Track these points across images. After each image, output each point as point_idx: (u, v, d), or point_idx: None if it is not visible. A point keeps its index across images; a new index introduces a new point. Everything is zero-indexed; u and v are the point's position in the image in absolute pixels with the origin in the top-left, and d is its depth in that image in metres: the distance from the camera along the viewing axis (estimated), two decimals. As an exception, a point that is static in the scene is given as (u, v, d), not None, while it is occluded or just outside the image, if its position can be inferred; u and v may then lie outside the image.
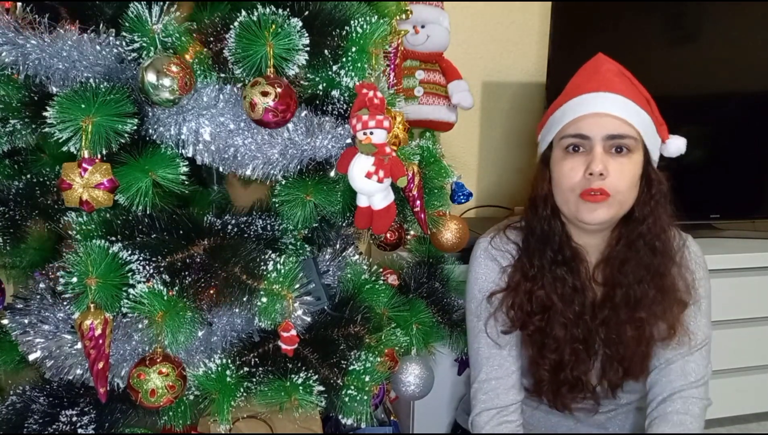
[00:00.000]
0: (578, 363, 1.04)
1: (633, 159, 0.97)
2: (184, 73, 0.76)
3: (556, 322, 1.02)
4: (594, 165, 0.93)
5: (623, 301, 1.02)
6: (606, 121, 0.95)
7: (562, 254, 1.03)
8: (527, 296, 1.03)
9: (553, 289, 1.03)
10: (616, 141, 0.95)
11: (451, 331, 1.22)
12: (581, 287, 1.03)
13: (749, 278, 1.64)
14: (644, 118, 0.98)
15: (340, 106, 0.89)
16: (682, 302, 1.03)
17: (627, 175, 0.96)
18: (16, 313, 0.89)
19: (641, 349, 1.02)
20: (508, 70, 1.94)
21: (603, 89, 0.97)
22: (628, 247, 1.02)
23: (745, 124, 1.79)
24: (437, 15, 1.41)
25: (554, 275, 1.03)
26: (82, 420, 0.89)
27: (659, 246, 1.01)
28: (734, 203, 1.83)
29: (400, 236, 1.19)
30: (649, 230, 1.00)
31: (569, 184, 0.97)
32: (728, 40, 1.72)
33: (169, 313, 0.78)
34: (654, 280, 1.01)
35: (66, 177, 0.74)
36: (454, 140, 1.87)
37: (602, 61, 1.03)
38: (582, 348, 1.04)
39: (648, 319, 1.01)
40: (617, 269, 1.02)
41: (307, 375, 0.90)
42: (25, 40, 0.75)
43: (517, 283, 1.05)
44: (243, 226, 0.94)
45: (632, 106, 0.96)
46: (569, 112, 0.99)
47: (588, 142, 0.96)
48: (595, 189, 0.94)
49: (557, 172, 1.00)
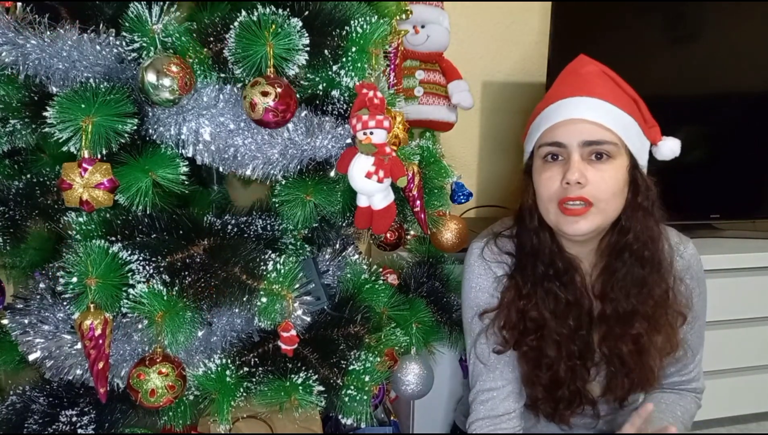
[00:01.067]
0: (575, 378, 1.01)
1: (614, 165, 0.91)
2: (184, 73, 0.76)
3: (550, 340, 0.99)
4: (570, 173, 0.89)
5: (614, 317, 0.98)
6: (582, 127, 0.91)
7: (553, 267, 0.99)
8: (519, 316, 0.99)
9: (545, 305, 0.99)
10: (594, 147, 0.90)
11: (451, 331, 1.22)
12: (575, 301, 0.99)
13: (749, 278, 1.64)
14: (626, 121, 0.93)
15: (340, 106, 0.89)
16: (680, 314, 0.99)
17: (608, 183, 0.90)
18: (16, 313, 0.89)
19: (646, 361, 0.98)
20: (508, 70, 1.94)
21: (580, 93, 0.92)
22: (615, 258, 0.97)
23: (745, 124, 1.79)
24: (437, 15, 1.41)
25: (546, 290, 0.99)
26: (82, 420, 0.90)
27: (648, 256, 0.96)
28: (734, 203, 1.82)
29: (400, 236, 1.19)
30: (636, 239, 0.95)
31: (547, 194, 0.93)
32: (728, 40, 1.72)
33: (169, 313, 0.78)
34: (643, 293, 0.97)
35: (66, 177, 0.74)
36: (454, 140, 1.87)
37: (583, 62, 0.99)
38: (579, 363, 1.00)
39: (642, 333, 0.97)
40: (607, 282, 0.98)
41: (307, 375, 0.90)
42: (25, 40, 0.75)
43: (510, 301, 1.01)
44: (243, 226, 0.94)
45: (612, 109, 0.92)
46: (545, 120, 0.95)
47: (564, 150, 0.92)
48: (573, 198, 0.90)
49: (537, 183, 0.96)
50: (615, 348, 0.99)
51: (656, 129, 0.98)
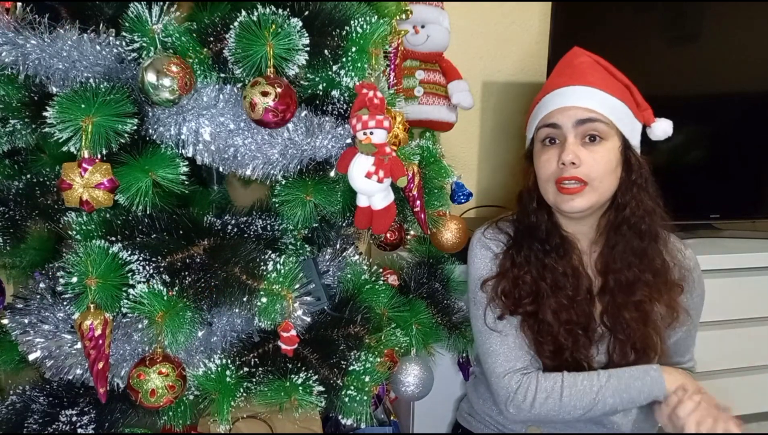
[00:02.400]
0: (578, 346, 1.05)
1: (606, 146, 1.00)
2: (184, 73, 0.76)
3: (547, 308, 1.05)
4: (565, 154, 0.98)
5: (617, 287, 1.05)
6: (575, 112, 1.00)
7: (549, 243, 1.07)
8: (514, 282, 1.07)
9: (541, 276, 1.06)
10: (587, 126, 0.99)
11: (451, 332, 1.22)
12: (573, 272, 1.06)
13: (749, 278, 1.63)
14: (616, 105, 1.01)
15: (340, 106, 0.89)
16: (677, 285, 1.06)
17: (601, 162, 0.99)
18: (16, 313, 0.89)
19: (648, 330, 1.04)
20: (508, 70, 1.94)
21: (573, 83, 1.02)
22: (614, 232, 1.05)
23: (745, 124, 1.79)
24: (437, 15, 1.41)
25: (542, 264, 1.07)
26: (82, 420, 0.89)
27: (645, 229, 1.04)
28: (734, 203, 1.82)
29: (400, 236, 1.19)
30: (633, 213, 1.03)
31: (546, 174, 1.03)
32: (728, 40, 1.72)
33: (169, 313, 0.78)
34: (643, 263, 1.05)
35: (66, 177, 0.74)
36: (454, 140, 1.87)
37: (577, 54, 1.07)
38: (581, 332, 1.05)
39: (644, 300, 1.03)
40: (608, 255, 1.06)
41: (307, 375, 0.90)
42: (25, 40, 0.75)
43: (506, 269, 1.09)
44: (243, 226, 0.94)
45: (601, 95, 1.00)
46: (542, 108, 1.05)
47: (560, 131, 1.01)
48: (568, 177, 0.99)
49: (536, 165, 1.06)
50: (618, 316, 1.05)
51: (649, 111, 1.06)
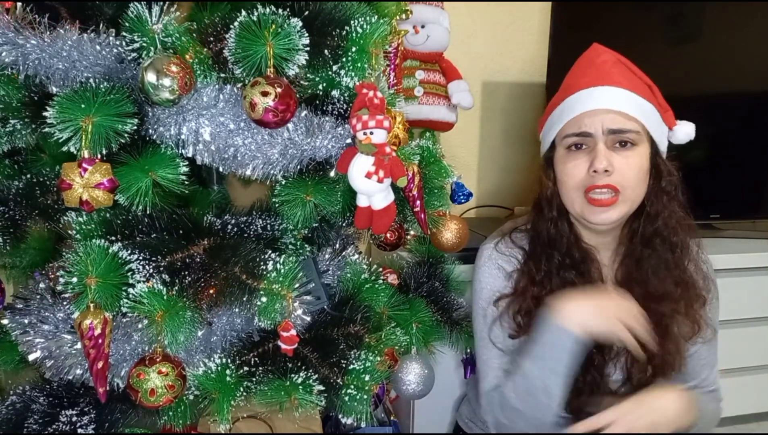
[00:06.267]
0: (592, 367, 0.99)
1: (638, 152, 0.94)
2: (184, 73, 0.76)
3: None
4: (597, 162, 0.91)
5: (642, 298, 0.96)
6: (606, 117, 0.93)
7: (570, 257, 1.00)
8: (535, 302, 0.99)
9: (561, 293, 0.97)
10: (619, 136, 0.93)
11: (451, 330, 1.22)
12: (593, 288, 0.99)
13: (749, 278, 1.64)
14: (647, 108, 0.95)
15: (340, 106, 0.89)
16: (702, 297, 1.00)
17: (633, 169, 0.93)
18: (16, 313, 0.89)
19: (668, 345, 0.98)
20: (508, 70, 1.94)
21: (600, 83, 0.94)
22: (644, 245, 0.98)
23: (745, 124, 1.79)
24: (437, 15, 1.41)
25: (563, 280, 0.99)
26: (82, 420, 0.89)
27: (676, 241, 0.98)
28: (734, 203, 1.83)
29: (400, 236, 1.19)
30: (665, 225, 0.97)
31: (573, 182, 0.95)
32: (728, 40, 1.72)
33: (169, 312, 0.78)
34: (673, 276, 0.98)
35: (66, 177, 0.74)
36: (454, 140, 1.87)
37: (598, 51, 1.00)
38: (596, 352, 0.99)
39: (666, 313, 0.97)
40: (634, 267, 0.99)
41: (307, 374, 0.90)
42: (25, 40, 0.75)
43: (524, 287, 1.01)
44: (243, 226, 0.94)
45: (633, 97, 0.93)
46: (568, 111, 0.96)
47: (591, 139, 0.94)
48: (600, 186, 0.92)
49: (561, 172, 0.98)
50: None
51: (670, 113, 1.00)
